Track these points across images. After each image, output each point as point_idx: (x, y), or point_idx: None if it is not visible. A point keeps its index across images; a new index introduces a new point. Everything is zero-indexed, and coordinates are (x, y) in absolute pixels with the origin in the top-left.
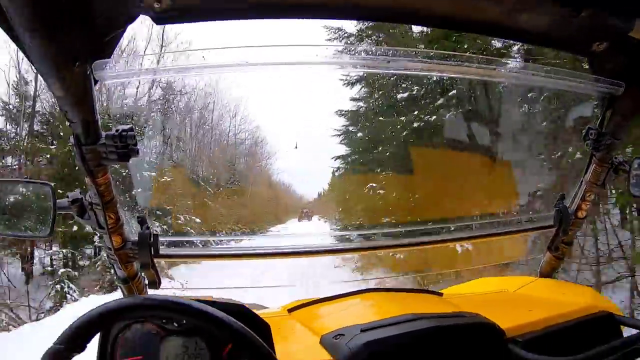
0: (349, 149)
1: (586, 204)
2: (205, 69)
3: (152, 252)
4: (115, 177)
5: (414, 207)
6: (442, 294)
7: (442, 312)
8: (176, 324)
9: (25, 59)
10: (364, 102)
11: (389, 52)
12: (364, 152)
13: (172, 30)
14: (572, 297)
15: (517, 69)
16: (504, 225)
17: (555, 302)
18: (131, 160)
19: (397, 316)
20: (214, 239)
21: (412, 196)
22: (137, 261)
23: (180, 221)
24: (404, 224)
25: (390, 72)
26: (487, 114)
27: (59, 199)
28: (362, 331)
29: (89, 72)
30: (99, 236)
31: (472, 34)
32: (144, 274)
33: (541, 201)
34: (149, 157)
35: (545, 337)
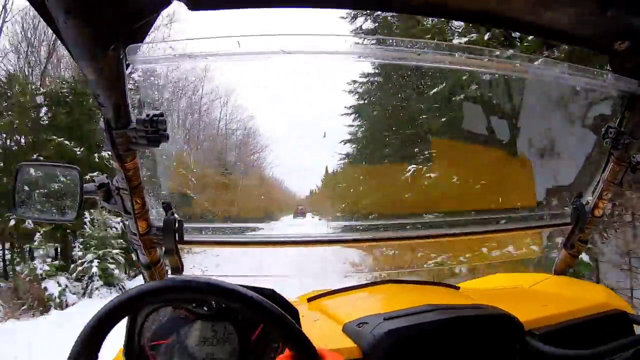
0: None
1: (603, 203)
2: (240, 56)
3: (177, 238)
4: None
5: (428, 199)
6: (459, 288)
7: (461, 304)
8: (206, 307)
9: None
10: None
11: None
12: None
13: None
14: (586, 295)
15: (538, 64)
16: (520, 220)
17: (570, 299)
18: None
19: (418, 306)
20: (237, 226)
21: (427, 188)
22: (160, 247)
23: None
24: (416, 215)
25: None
26: (507, 108)
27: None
28: (385, 320)
29: (122, 56)
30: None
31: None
32: (166, 260)
33: (558, 198)
34: (174, 143)
35: (560, 331)
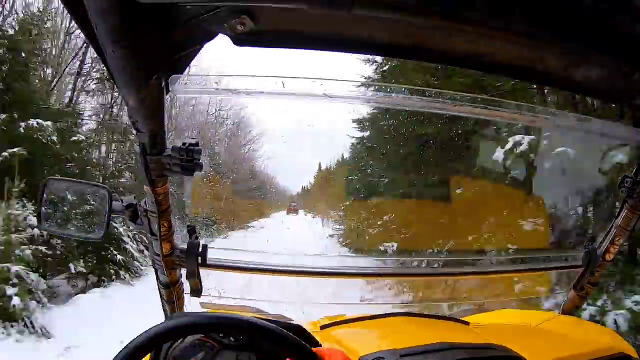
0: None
1: (615, 248)
2: (280, 96)
3: (200, 261)
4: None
5: (437, 237)
6: (468, 323)
7: (474, 343)
8: (233, 338)
9: None
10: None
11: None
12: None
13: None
14: (593, 337)
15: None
16: (532, 262)
17: (577, 341)
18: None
19: (434, 344)
20: (260, 254)
21: (434, 226)
22: (182, 269)
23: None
24: (424, 252)
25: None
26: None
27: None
28: (402, 357)
29: (164, 85)
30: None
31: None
32: (187, 282)
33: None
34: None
35: None
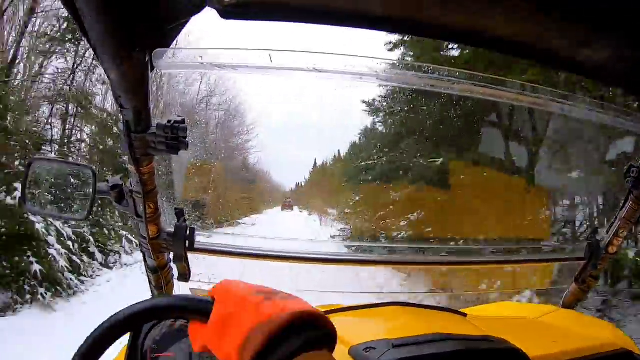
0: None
1: (618, 240)
2: (268, 70)
3: (187, 245)
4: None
5: (439, 224)
6: (465, 315)
7: (470, 335)
8: None
9: None
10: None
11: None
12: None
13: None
14: (594, 331)
15: (565, 99)
16: (535, 252)
17: (577, 335)
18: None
19: (428, 334)
20: (248, 237)
21: (437, 213)
22: (169, 252)
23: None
24: (427, 240)
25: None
26: (529, 138)
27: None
28: (394, 347)
29: (147, 59)
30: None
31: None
32: (174, 266)
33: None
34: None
35: None
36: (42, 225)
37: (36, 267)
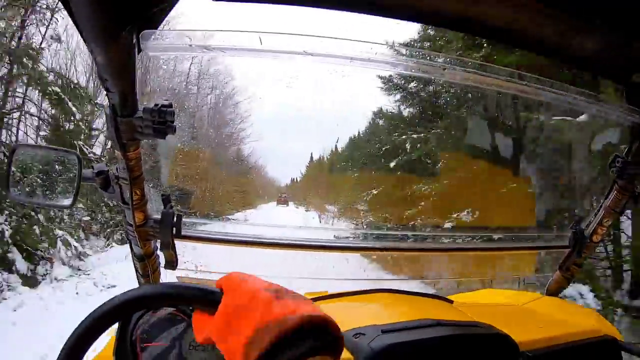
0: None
1: (602, 229)
2: (260, 53)
3: (174, 232)
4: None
5: (427, 211)
6: (452, 301)
7: (458, 320)
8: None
9: None
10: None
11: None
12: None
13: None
14: (578, 319)
15: (552, 88)
16: (520, 240)
17: (562, 322)
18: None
19: (416, 320)
20: (236, 224)
21: (426, 199)
22: (156, 240)
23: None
24: (415, 227)
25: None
26: (514, 126)
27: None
28: (383, 332)
29: (134, 41)
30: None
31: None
32: (162, 253)
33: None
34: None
35: (553, 354)
36: None
37: None
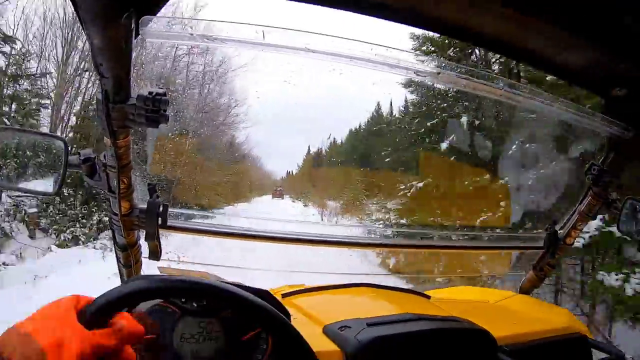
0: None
1: (576, 232)
2: (261, 46)
3: (160, 222)
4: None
5: (407, 209)
6: (429, 297)
7: (439, 315)
8: (195, 304)
9: None
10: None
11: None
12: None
13: None
14: (550, 316)
15: (533, 95)
16: (496, 240)
17: (535, 319)
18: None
19: (400, 314)
20: (223, 216)
21: (407, 199)
22: (141, 230)
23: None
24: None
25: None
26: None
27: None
28: (369, 325)
29: (133, 26)
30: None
31: None
32: (146, 243)
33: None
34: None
35: (528, 349)
36: None
37: None
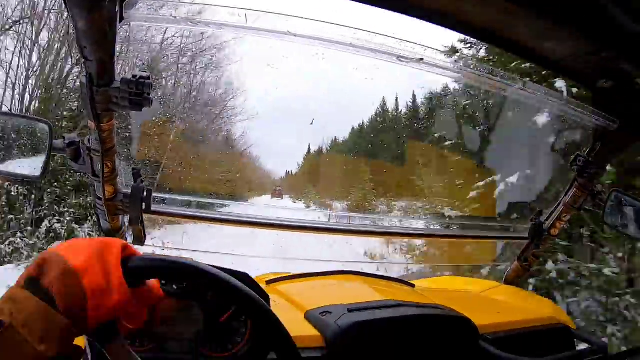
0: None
1: (560, 224)
2: (245, 30)
3: (144, 207)
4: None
5: (395, 196)
6: (414, 285)
7: (421, 302)
8: (175, 286)
9: None
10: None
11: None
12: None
13: None
14: (534, 307)
15: (521, 86)
16: (481, 229)
17: (519, 309)
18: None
19: (381, 300)
20: (208, 202)
21: (394, 187)
22: (125, 214)
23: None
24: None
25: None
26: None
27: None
28: (350, 311)
29: (117, 9)
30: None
31: None
32: (129, 229)
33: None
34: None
35: (511, 338)
36: None
37: None
